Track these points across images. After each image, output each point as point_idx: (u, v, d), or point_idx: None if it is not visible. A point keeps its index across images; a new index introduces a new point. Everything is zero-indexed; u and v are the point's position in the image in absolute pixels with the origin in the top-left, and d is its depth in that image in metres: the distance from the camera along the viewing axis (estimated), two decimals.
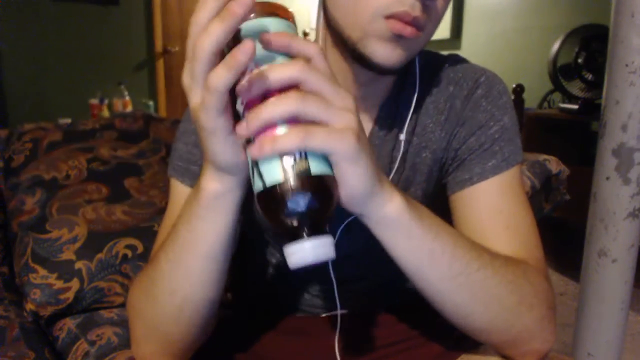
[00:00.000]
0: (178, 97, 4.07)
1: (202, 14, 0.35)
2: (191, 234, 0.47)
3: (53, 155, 1.09)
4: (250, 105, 0.36)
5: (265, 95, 0.36)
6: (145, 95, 3.84)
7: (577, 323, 1.35)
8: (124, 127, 1.19)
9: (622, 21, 1.15)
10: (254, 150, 0.35)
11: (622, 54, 1.16)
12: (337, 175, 0.38)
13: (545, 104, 3.03)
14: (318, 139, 0.35)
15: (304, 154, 0.36)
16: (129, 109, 3.03)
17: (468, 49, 3.75)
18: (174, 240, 0.49)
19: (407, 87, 0.64)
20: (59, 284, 0.93)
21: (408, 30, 0.50)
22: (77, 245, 0.97)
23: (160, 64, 3.93)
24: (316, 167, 0.37)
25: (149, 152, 1.15)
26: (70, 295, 0.93)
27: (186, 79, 0.38)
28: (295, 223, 0.37)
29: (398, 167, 0.63)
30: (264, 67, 0.36)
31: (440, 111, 0.63)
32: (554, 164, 1.25)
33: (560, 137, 2.72)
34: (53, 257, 0.95)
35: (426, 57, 0.66)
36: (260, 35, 0.36)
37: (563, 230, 2.59)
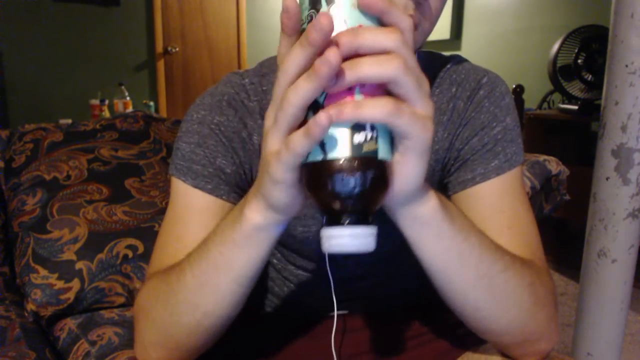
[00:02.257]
0: (178, 98, 4.08)
1: (291, 64, 0.33)
2: (224, 256, 0.46)
3: (54, 156, 1.09)
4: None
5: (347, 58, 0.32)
6: (145, 95, 3.84)
7: (577, 323, 1.35)
8: (125, 127, 1.20)
9: (622, 22, 1.15)
10: (331, 112, 0.32)
11: (621, 54, 1.16)
12: (399, 165, 0.36)
13: (545, 105, 3.03)
14: (405, 117, 0.33)
15: (376, 134, 0.34)
16: (130, 109, 3.02)
17: (468, 50, 3.75)
18: (203, 258, 0.48)
19: None
20: (60, 284, 0.93)
21: None
22: (78, 245, 0.97)
23: (160, 65, 3.94)
24: (383, 152, 0.34)
25: (150, 153, 1.15)
26: (71, 295, 0.94)
27: (268, 121, 0.37)
28: (344, 205, 0.34)
29: None
30: (356, 27, 0.33)
31: (442, 112, 0.63)
32: (553, 165, 1.25)
33: (560, 137, 2.72)
34: (54, 257, 0.95)
35: (428, 58, 0.66)
36: None
37: (563, 230, 2.59)
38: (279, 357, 0.68)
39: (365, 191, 0.34)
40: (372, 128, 0.34)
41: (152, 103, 3.31)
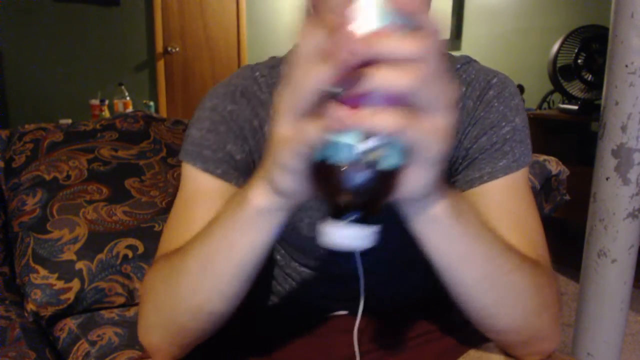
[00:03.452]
0: (178, 98, 4.08)
1: (309, 44, 0.32)
2: (226, 240, 0.46)
3: (54, 156, 1.09)
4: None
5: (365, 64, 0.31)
6: (145, 95, 3.84)
7: (577, 323, 1.35)
8: (125, 127, 1.20)
9: (622, 22, 1.15)
10: (344, 117, 0.32)
11: (621, 54, 1.16)
12: (409, 172, 0.36)
13: (545, 105, 3.03)
14: (416, 132, 0.33)
15: (387, 140, 0.33)
16: (130, 109, 3.02)
17: (468, 50, 3.75)
18: (206, 242, 0.47)
19: None
20: (60, 284, 0.93)
21: None
22: (78, 245, 0.97)
23: (160, 65, 3.94)
24: (392, 158, 0.34)
25: (150, 153, 1.15)
26: (71, 295, 0.94)
27: (282, 103, 0.35)
28: (347, 204, 0.35)
29: None
30: (382, 29, 0.31)
31: None
32: (553, 165, 1.25)
33: (560, 137, 2.72)
34: (54, 257, 0.95)
35: None
36: None
37: (563, 230, 2.60)
38: (279, 357, 0.68)
39: (370, 195, 0.35)
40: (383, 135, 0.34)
41: (152, 103, 3.30)
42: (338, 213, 0.36)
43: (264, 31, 4.22)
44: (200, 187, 0.59)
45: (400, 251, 0.70)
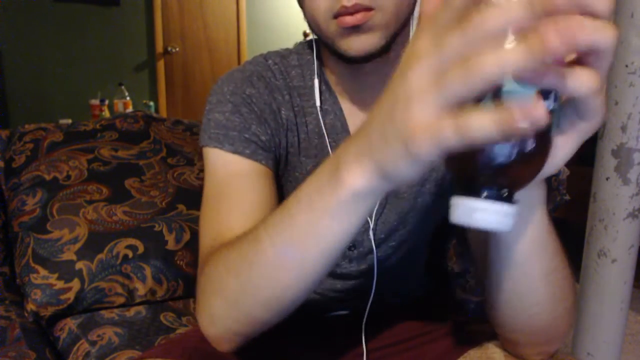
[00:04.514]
0: (178, 98, 4.08)
1: (498, 18, 0.24)
2: (312, 226, 0.40)
3: (54, 156, 1.09)
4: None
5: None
6: (145, 95, 3.84)
7: (577, 323, 1.35)
8: (125, 127, 1.20)
9: (622, 21, 1.15)
10: (528, 73, 0.25)
11: (621, 54, 1.16)
12: (561, 143, 0.33)
13: None
14: (602, 98, 0.29)
15: (555, 107, 0.30)
16: (130, 109, 3.02)
17: None
18: (286, 227, 0.42)
19: None
20: (60, 284, 0.93)
21: (355, 19, 0.52)
22: (78, 245, 0.97)
23: (160, 65, 3.93)
24: (554, 127, 0.31)
25: (150, 153, 1.15)
26: (71, 295, 0.94)
27: (425, 75, 0.28)
28: (495, 178, 0.30)
29: None
30: None
31: None
32: None
33: None
34: (54, 257, 0.95)
35: None
36: None
37: (563, 230, 2.59)
38: (282, 356, 0.68)
39: (523, 166, 0.31)
40: (555, 99, 0.30)
41: (152, 103, 3.31)
42: (479, 190, 0.31)
43: (264, 31, 4.22)
44: (233, 170, 0.58)
45: (403, 252, 0.70)
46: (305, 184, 0.41)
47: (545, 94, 0.29)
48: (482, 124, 0.25)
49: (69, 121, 1.55)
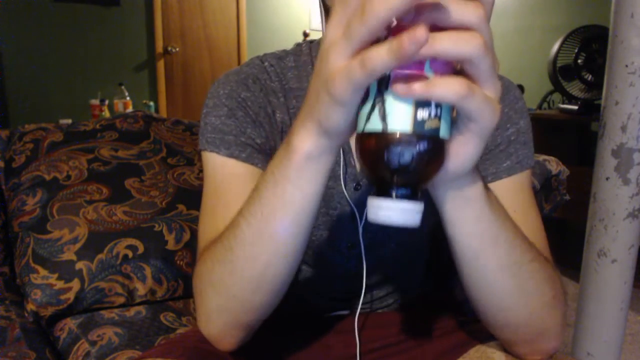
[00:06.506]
0: (178, 98, 4.08)
1: None
2: (278, 197, 0.43)
3: (54, 156, 1.09)
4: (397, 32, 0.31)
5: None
6: (145, 95, 3.84)
7: (577, 323, 1.35)
8: (125, 127, 1.20)
9: (622, 22, 1.15)
10: (399, 87, 0.31)
11: (621, 54, 1.16)
12: (459, 145, 0.36)
13: (545, 105, 3.03)
14: (476, 101, 0.32)
15: (440, 112, 0.33)
16: (130, 109, 3.02)
17: None
18: (257, 206, 0.45)
19: None
20: (60, 285, 0.93)
21: None
22: (78, 245, 0.97)
23: (160, 65, 3.93)
24: (444, 130, 0.34)
25: (150, 153, 1.15)
26: (71, 295, 0.94)
27: (334, 32, 0.33)
28: (397, 179, 0.34)
29: None
30: None
31: None
32: (553, 165, 1.25)
33: (560, 137, 2.72)
34: (54, 257, 0.95)
35: None
36: None
37: (563, 230, 2.59)
38: (279, 356, 0.68)
39: (421, 168, 0.34)
40: (437, 105, 0.33)
41: (152, 103, 3.31)
42: (387, 190, 0.35)
43: (264, 31, 4.22)
44: (229, 173, 0.59)
45: (401, 251, 0.70)
46: (270, 163, 0.45)
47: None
48: (379, 53, 0.30)
49: (69, 121, 1.55)
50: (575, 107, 2.52)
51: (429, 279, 0.81)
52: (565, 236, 2.56)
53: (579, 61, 2.43)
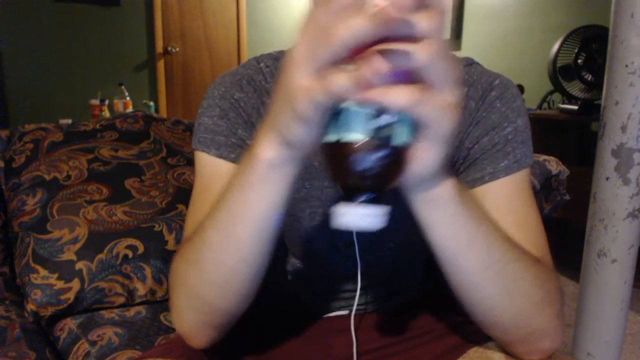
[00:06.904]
0: (178, 98, 4.08)
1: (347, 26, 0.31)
2: (241, 203, 0.45)
3: (54, 156, 1.09)
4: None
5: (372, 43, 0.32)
6: (145, 95, 3.84)
7: (577, 323, 1.35)
8: (125, 127, 1.20)
9: (622, 22, 1.15)
10: (353, 94, 0.32)
11: (621, 54, 1.16)
12: (418, 150, 0.37)
13: (545, 105, 3.03)
14: (428, 107, 0.33)
15: (397, 118, 0.34)
16: (130, 109, 3.02)
17: (468, 50, 3.75)
18: (222, 210, 0.47)
19: None
20: (60, 285, 0.94)
21: None
22: (78, 245, 0.97)
23: (160, 65, 3.93)
24: (400, 136, 0.35)
25: (150, 153, 1.15)
26: (71, 295, 0.94)
27: (301, 48, 0.34)
28: (358, 185, 0.36)
29: None
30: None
31: None
32: (553, 165, 1.25)
33: (560, 137, 2.72)
34: (54, 257, 0.95)
35: None
36: None
37: (563, 230, 2.59)
38: (277, 356, 0.68)
39: (380, 174, 0.35)
40: (394, 112, 0.34)
41: (152, 103, 3.31)
42: (350, 195, 0.36)
43: (264, 31, 4.22)
44: (217, 173, 0.60)
45: (400, 251, 0.70)
46: (237, 170, 0.46)
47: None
48: (341, 79, 0.32)
49: (69, 121, 1.55)
50: (575, 107, 2.52)
51: (428, 279, 0.81)
52: (565, 236, 2.56)
53: (579, 61, 2.43)
